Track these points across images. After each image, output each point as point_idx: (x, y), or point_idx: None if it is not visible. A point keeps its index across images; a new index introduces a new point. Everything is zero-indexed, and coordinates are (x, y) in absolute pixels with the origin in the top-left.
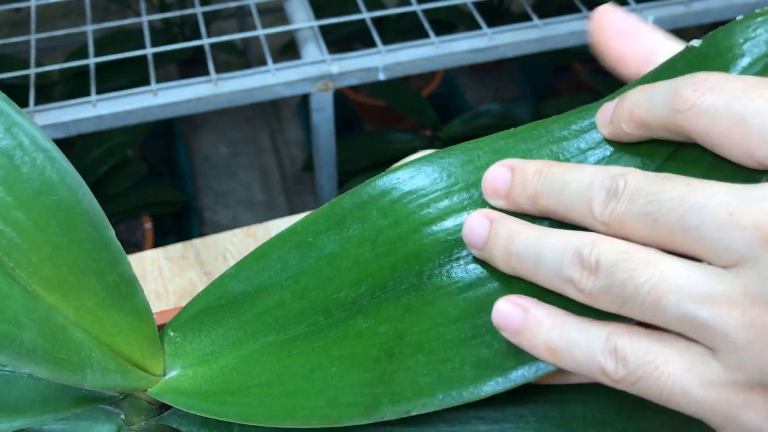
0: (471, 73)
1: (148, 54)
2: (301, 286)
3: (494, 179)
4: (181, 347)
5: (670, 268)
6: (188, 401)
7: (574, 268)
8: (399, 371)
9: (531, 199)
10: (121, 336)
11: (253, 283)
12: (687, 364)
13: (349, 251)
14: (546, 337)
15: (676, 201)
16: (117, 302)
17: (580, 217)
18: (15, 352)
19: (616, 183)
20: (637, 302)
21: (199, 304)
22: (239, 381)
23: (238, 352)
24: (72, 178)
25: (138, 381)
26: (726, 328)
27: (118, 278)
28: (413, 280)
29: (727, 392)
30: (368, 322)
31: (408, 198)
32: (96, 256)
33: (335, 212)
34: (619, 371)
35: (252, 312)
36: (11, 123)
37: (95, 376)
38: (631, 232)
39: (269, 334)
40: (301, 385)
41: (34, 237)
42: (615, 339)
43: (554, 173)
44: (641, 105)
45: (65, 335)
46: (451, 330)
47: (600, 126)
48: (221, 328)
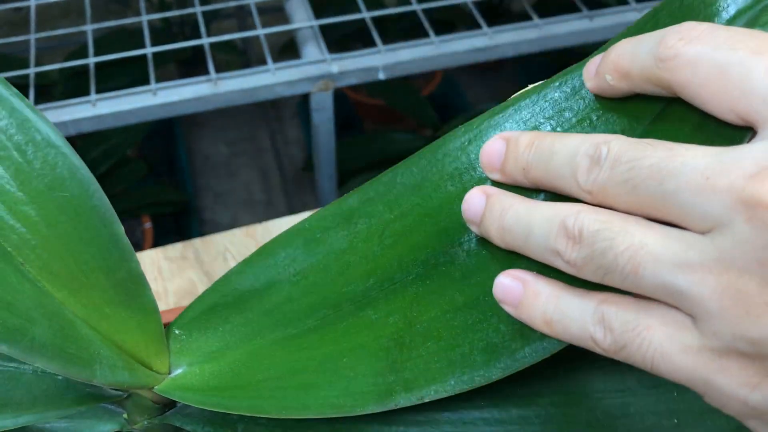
0: (471, 72)
1: (147, 53)
2: (310, 281)
3: (490, 152)
4: (186, 345)
5: (648, 237)
6: (197, 397)
7: (560, 239)
8: (410, 360)
9: (523, 172)
10: (128, 333)
11: (260, 280)
12: (668, 331)
13: (356, 246)
14: (543, 309)
15: (655, 167)
16: (125, 299)
17: (568, 187)
18: (27, 347)
19: (599, 150)
20: (617, 271)
21: (205, 302)
22: (249, 376)
23: (246, 347)
24: (83, 174)
25: (144, 378)
26: (701, 295)
27: (126, 275)
28: (420, 270)
29: (705, 358)
30: (378, 313)
31: (412, 190)
32: (105, 253)
33: (343, 209)
34: (606, 339)
35: (260, 308)
36: (24, 119)
37: (104, 372)
38: (614, 199)
39: (277, 329)
40: (312, 377)
41: (44, 233)
42: (602, 308)
43: (544, 144)
44: (626, 55)
45: (74, 331)
46: (459, 316)
47: (586, 79)
48: (228, 324)
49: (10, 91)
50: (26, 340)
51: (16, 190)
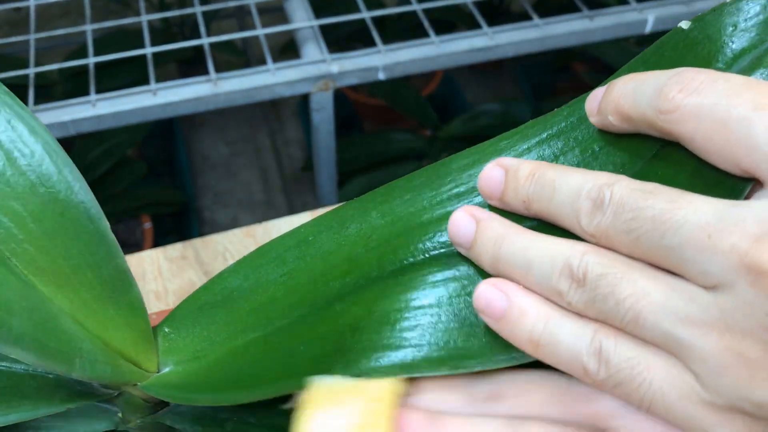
0: (471, 73)
1: (147, 53)
2: (296, 281)
3: (489, 180)
4: (175, 343)
5: (650, 286)
6: (176, 393)
7: (563, 280)
8: (360, 342)
9: (524, 204)
10: (115, 330)
11: (249, 280)
12: (669, 376)
13: (343, 248)
14: (530, 329)
15: (658, 219)
16: (112, 296)
17: (570, 227)
18: (2, 337)
19: (602, 194)
20: (618, 317)
21: (196, 301)
22: (228, 374)
23: (228, 346)
24: (69, 171)
25: (129, 375)
26: (702, 350)
27: (113, 272)
28: (395, 267)
29: (705, 410)
30: (344, 304)
31: (408, 201)
32: (92, 249)
33: (338, 215)
34: (600, 373)
35: (246, 307)
36: (11, 115)
37: (84, 366)
38: (616, 245)
39: (258, 329)
40: (280, 368)
41: (30, 228)
42: (600, 338)
43: (545, 178)
44: (627, 98)
45: (56, 325)
46: (421, 312)
47: (589, 114)
48: (214, 324)
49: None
50: (3, 330)
51: (2, 185)
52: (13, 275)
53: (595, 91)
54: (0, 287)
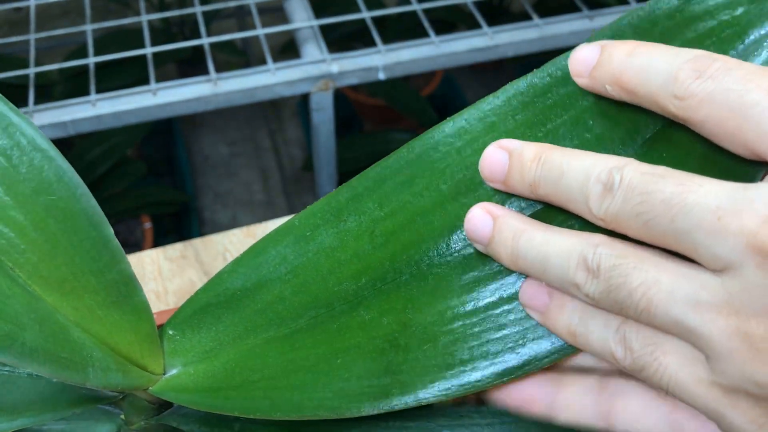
0: (471, 73)
1: (147, 53)
2: (301, 280)
3: (491, 163)
4: (180, 345)
5: (661, 274)
6: (191, 398)
7: (579, 273)
8: (406, 362)
9: (530, 188)
10: (120, 335)
11: (251, 279)
12: (682, 360)
13: (347, 244)
14: (567, 321)
15: (667, 203)
16: (116, 301)
17: (580, 211)
18: (17, 353)
19: (612, 178)
20: (632, 306)
21: (198, 302)
22: (242, 376)
23: (239, 347)
24: (70, 177)
25: (139, 380)
26: (710, 335)
27: (117, 277)
28: (413, 270)
29: (715, 392)
30: (371, 313)
31: (401, 187)
32: (95, 254)
33: (332, 206)
34: (627, 359)
35: (252, 308)
36: (8, 123)
37: (97, 375)
38: (627, 230)
39: (270, 328)
40: (306, 377)
41: (32, 237)
42: (624, 328)
43: (553, 161)
44: (633, 74)
45: (66, 335)
46: (457, 322)
47: (575, 75)
48: (221, 324)
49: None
50: (17, 345)
51: (2, 194)
52: (18, 287)
53: (581, 53)
54: (7, 300)
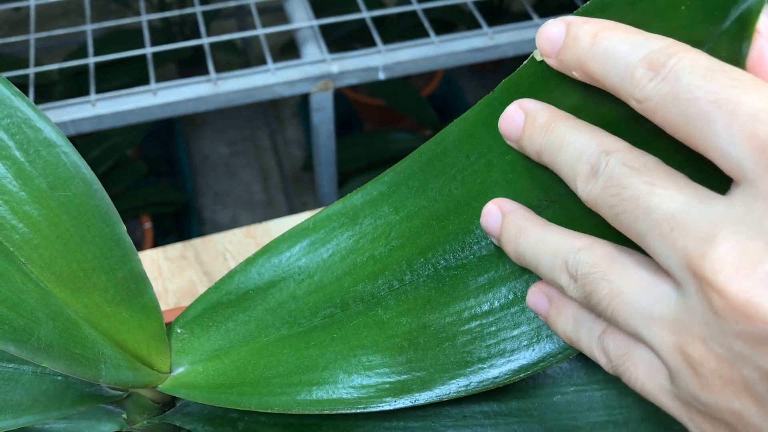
0: (471, 73)
1: (147, 53)
2: (315, 280)
3: (509, 122)
4: (188, 343)
5: (625, 285)
6: (204, 394)
7: (563, 276)
8: (426, 359)
9: (537, 154)
10: (129, 333)
11: (264, 279)
12: (648, 370)
13: (363, 246)
14: (564, 327)
15: (634, 201)
16: (126, 299)
17: (570, 185)
18: (33, 347)
19: (599, 162)
20: (603, 314)
21: (207, 301)
22: (256, 373)
23: (251, 345)
24: (84, 173)
25: (147, 377)
26: (660, 350)
27: (128, 275)
28: (430, 272)
29: (676, 403)
30: (388, 313)
31: (416, 192)
32: (107, 252)
33: (347, 209)
34: (608, 366)
35: (263, 306)
36: (25, 119)
37: (109, 371)
38: (605, 217)
39: (283, 327)
40: (323, 374)
41: (46, 232)
42: (603, 338)
43: (557, 132)
44: (595, 63)
45: (78, 331)
46: (474, 322)
47: (544, 54)
48: (231, 322)
49: (12, 90)
50: (32, 340)
51: (18, 189)
52: (32, 282)
53: (548, 30)
54: (22, 295)
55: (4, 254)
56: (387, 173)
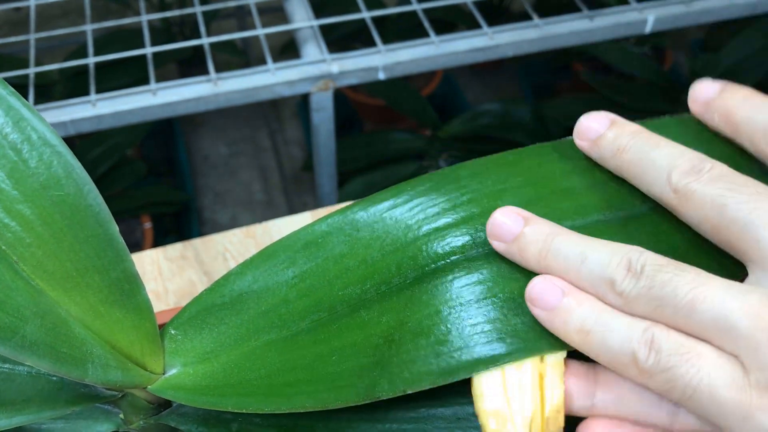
0: (471, 72)
1: (147, 53)
2: (307, 284)
3: (501, 225)
4: (182, 345)
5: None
6: (189, 396)
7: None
8: (398, 354)
9: (537, 258)
10: (122, 333)
11: (258, 282)
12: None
13: (357, 251)
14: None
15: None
16: (119, 299)
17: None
18: (17, 345)
19: (631, 264)
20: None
21: (203, 303)
22: (240, 375)
23: (240, 349)
24: (78, 173)
25: (138, 378)
26: (752, 327)
27: (120, 275)
28: (418, 274)
29: (749, 394)
30: (371, 313)
31: (417, 212)
32: (100, 252)
33: (347, 219)
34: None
35: (256, 310)
36: (20, 117)
37: (96, 371)
38: (643, 312)
39: (272, 331)
40: (301, 374)
41: (38, 231)
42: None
43: (568, 244)
44: (631, 163)
45: (67, 330)
46: (453, 313)
47: (579, 139)
48: (223, 325)
49: (7, 89)
50: (17, 337)
51: (10, 188)
52: (22, 280)
53: (588, 122)
54: (10, 292)
55: None
56: (389, 189)
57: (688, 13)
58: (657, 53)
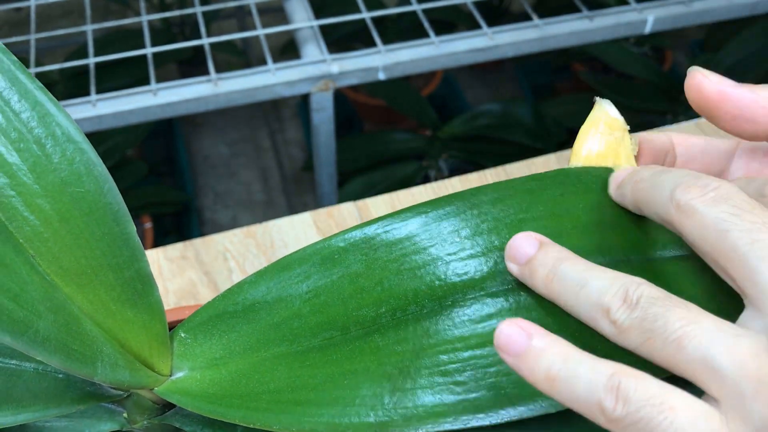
0: (471, 73)
1: (147, 54)
2: (321, 300)
3: (518, 248)
4: (191, 349)
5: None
6: (195, 402)
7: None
8: (413, 389)
9: (544, 281)
10: (132, 333)
11: (272, 293)
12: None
13: (374, 272)
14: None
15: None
16: (131, 298)
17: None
18: (30, 340)
19: (628, 294)
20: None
21: (215, 308)
22: (248, 387)
23: (249, 359)
24: (99, 171)
25: (145, 379)
26: (737, 375)
27: (134, 274)
28: (435, 306)
29: None
30: (385, 340)
31: (436, 238)
32: (116, 250)
33: (366, 237)
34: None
35: (268, 321)
36: (45, 112)
37: (105, 370)
38: (633, 345)
39: (282, 344)
40: (311, 395)
41: (56, 227)
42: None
43: (573, 269)
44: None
45: (79, 327)
46: (470, 354)
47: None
48: (234, 333)
49: (35, 84)
50: (30, 332)
51: (32, 182)
52: (37, 275)
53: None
54: (26, 287)
55: (12, 245)
56: (406, 209)
57: (688, 13)
58: (657, 53)
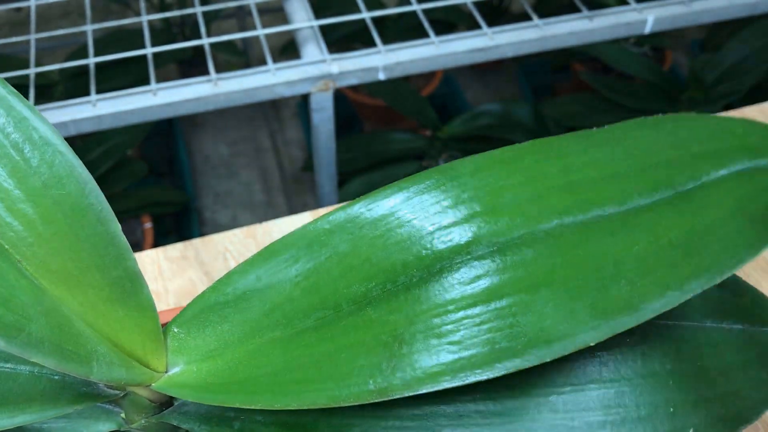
0: (471, 73)
1: (147, 54)
2: (311, 282)
3: None
4: (185, 343)
5: None
6: (194, 393)
7: None
8: (409, 354)
9: None
10: (124, 331)
11: (262, 280)
12: None
13: (360, 249)
14: None
15: None
16: (121, 298)
17: None
18: (23, 343)
19: None
20: None
21: (206, 301)
22: (246, 372)
23: (245, 347)
24: (80, 172)
25: (141, 376)
26: None
27: (123, 273)
28: (424, 274)
29: None
30: (378, 312)
31: (419, 210)
32: (102, 251)
33: (349, 217)
34: None
35: (260, 308)
36: (21, 117)
37: (101, 369)
38: None
39: (276, 329)
40: (309, 372)
41: (40, 230)
42: None
43: None
44: None
45: (72, 328)
46: (463, 314)
47: None
48: (227, 324)
49: (8, 89)
50: (23, 335)
51: (13, 187)
52: (25, 279)
53: None
54: (15, 291)
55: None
56: (390, 187)
57: (688, 13)
58: (657, 53)
